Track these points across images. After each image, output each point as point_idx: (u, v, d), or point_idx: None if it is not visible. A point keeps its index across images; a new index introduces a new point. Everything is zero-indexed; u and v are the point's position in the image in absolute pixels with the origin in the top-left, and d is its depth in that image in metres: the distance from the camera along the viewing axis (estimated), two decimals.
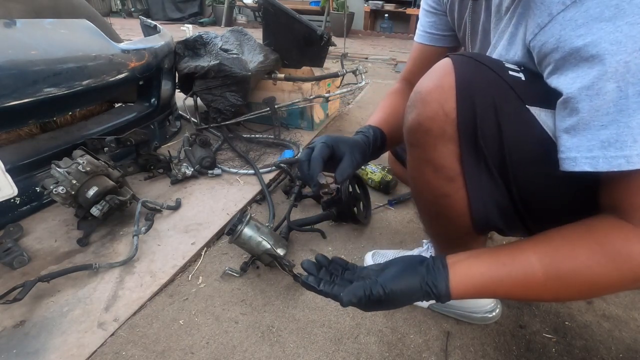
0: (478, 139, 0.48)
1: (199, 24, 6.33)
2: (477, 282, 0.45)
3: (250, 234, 0.84)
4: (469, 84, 0.47)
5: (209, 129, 1.69)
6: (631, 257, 0.39)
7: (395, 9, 6.01)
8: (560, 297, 0.47)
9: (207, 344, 0.74)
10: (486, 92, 0.47)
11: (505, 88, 0.46)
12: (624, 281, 0.40)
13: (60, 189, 0.94)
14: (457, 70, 0.48)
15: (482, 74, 0.47)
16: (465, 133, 0.49)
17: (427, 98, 0.50)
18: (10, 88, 0.95)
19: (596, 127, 0.38)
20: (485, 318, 0.78)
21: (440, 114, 0.49)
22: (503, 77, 0.47)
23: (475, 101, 0.47)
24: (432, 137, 0.51)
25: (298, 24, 1.72)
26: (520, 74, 0.48)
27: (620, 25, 0.36)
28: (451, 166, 0.52)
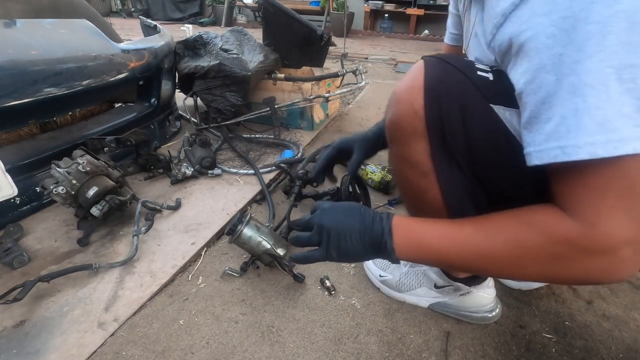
0: (446, 136, 0.52)
1: (199, 24, 6.33)
2: (419, 246, 0.51)
3: (250, 234, 0.84)
4: (436, 84, 0.51)
5: (209, 129, 1.69)
6: (545, 232, 0.41)
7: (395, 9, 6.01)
8: (491, 268, 0.48)
9: (207, 344, 0.74)
10: (452, 91, 0.50)
11: (471, 88, 0.49)
12: (547, 256, 0.42)
13: (60, 189, 0.94)
14: (426, 72, 0.52)
15: (450, 74, 0.51)
16: (433, 130, 0.52)
17: (400, 98, 0.55)
18: (10, 88, 0.95)
19: (543, 121, 0.39)
20: (485, 318, 0.78)
21: (410, 112, 0.53)
22: (470, 77, 0.50)
23: (441, 100, 0.50)
24: (405, 134, 0.56)
25: (298, 24, 1.72)
26: (489, 74, 0.50)
27: (554, 19, 0.37)
28: (424, 162, 0.56)
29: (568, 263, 0.40)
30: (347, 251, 0.55)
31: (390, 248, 0.51)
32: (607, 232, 0.37)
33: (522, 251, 0.43)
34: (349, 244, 0.54)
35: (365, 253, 0.55)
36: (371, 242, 0.53)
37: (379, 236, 0.53)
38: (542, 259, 0.42)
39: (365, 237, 0.54)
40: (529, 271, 0.44)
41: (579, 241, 0.39)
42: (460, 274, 0.76)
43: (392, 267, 0.87)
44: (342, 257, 0.56)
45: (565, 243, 0.40)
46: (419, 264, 0.84)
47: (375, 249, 0.53)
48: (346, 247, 0.54)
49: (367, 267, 0.92)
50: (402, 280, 0.84)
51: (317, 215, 0.58)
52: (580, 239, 0.39)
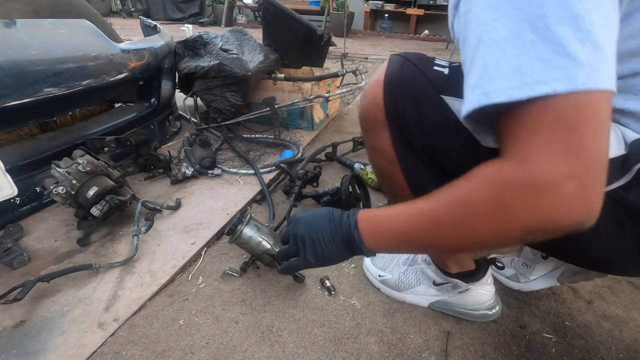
0: (402, 125, 0.57)
1: (199, 24, 6.34)
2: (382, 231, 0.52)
3: (250, 234, 0.84)
4: (393, 78, 0.57)
5: (209, 129, 1.69)
6: (491, 178, 0.40)
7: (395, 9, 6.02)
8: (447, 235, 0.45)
9: (207, 344, 0.74)
10: (407, 84, 0.55)
11: (424, 81, 0.54)
12: (490, 205, 0.40)
13: (60, 189, 0.94)
14: (387, 67, 0.58)
15: (406, 69, 0.56)
16: (392, 120, 0.58)
17: (366, 91, 0.62)
18: (10, 88, 0.95)
19: (470, 76, 0.40)
20: (485, 315, 0.78)
21: (372, 104, 0.60)
22: (424, 71, 0.55)
23: (396, 92, 0.56)
24: (371, 124, 0.62)
25: (298, 24, 1.72)
26: (445, 69, 0.55)
27: None
28: (389, 150, 0.61)
29: (512, 209, 0.38)
30: (324, 255, 0.56)
31: (359, 241, 0.52)
32: (541, 166, 0.36)
33: (466, 206, 0.42)
34: (324, 247, 0.56)
35: (341, 253, 0.56)
36: (342, 240, 0.55)
37: (347, 232, 0.54)
38: (486, 211, 0.40)
39: (337, 237, 0.55)
40: (481, 231, 0.41)
41: (513, 179, 0.37)
42: (454, 269, 0.76)
43: (391, 266, 0.87)
44: (320, 261, 0.58)
45: (502, 184, 0.39)
46: (417, 262, 0.84)
47: (348, 246, 0.54)
48: (321, 251, 0.56)
49: (366, 267, 0.92)
50: (401, 279, 0.84)
51: (291, 226, 0.61)
52: (515, 177, 0.37)
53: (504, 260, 0.88)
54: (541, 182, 0.36)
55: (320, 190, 1.19)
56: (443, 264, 0.77)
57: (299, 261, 0.59)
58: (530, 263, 0.86)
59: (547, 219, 0.36)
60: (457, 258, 0.76)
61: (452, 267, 0.76)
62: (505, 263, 0.90)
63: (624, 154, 0.46)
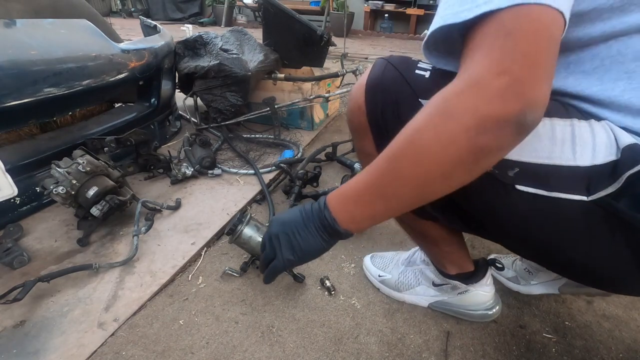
0: (382, 130, 0.57)
1: (199, 24, 6.34)
2: (348, 197, 0.50)
3: (250, 234, 0.84)
4: (374, 82, 0.56)
5: (209, 129, 1.69)
6: (439, 96, 0.40)
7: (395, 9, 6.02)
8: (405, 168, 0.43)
9: (207, 344, 0.74)
10: (387, 88, 0.55)
11: (404, 85, 0.54)
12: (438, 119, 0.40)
13: (60, 189, 0.94)
14: (370, 71, 0.58)
15: (387, 73, 0.56)
16: (373, 123, 0.58)
17: (351, 95, 0.61)
18: (10, 88, 0.95)
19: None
20: (484, 315, 0.78)
21: (356, 108, 0.60)
22: (405, 75, 0.54)
23: (377, 97, 0.56)
24: (355, 127, 0.62)
25: (298, 24, 1.72)
26: (426, 72, 0.54)
27: None
28: (374, 153, 0.58)
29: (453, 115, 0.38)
30: (301, 247, 0.54)
31: (330, 219, 0.50)
32: (476, 70, 0.37)
33: (414, 131, 0.42)
34: (299, 239, 0.54)
35: (317, 241, 0.53)
36: (315, 226, 0.53)
37: (319, 215, 0.52)
38: (431, 126, 0.40)
39: (310, 225, 0.53)
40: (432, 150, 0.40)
41: (453, 89, 0.39)
42: (452, 270, 0.76)
43: (391, 266, 0.87)
44: (299, 256, 0.55)
45: (443, 98, 0.40)
46: (416, 263, 0.84)
47: (323, 231, 0.52)
48: (298, 244, 0.54)
49: (365, 268, 0.92)
50: (400, 279, 0.84)
51: (266, 231, 0.59)
52: (455, 87, 0.39)
53: (504, 261, 0.88)
54: (475, 82, 0.37)
55: (320, 190, 1.19)
56: (441, 265, 0.77)
57: (277, 261, 0.57)
58: (533, 270, 0.85)
59: (486, 114, 0.36)
60: (455, 260, 0.75)
61: (450, 269, 0.76)
62: (506, 264, 0.89)
63: (615, 159, 0.44)
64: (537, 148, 0.46)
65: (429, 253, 0.79)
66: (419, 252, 0.85)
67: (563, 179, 0.46)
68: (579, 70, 0.48)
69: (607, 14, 0.44)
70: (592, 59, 0.47)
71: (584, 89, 0.48)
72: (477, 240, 1.06)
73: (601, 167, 0.44)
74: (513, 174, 0.47)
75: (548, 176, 0.46)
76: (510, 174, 0.47)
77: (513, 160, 0.46)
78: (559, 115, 0.47)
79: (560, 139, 0.46)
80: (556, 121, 0.47)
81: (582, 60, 0.48)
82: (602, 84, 0.47)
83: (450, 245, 0.73)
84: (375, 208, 0.48)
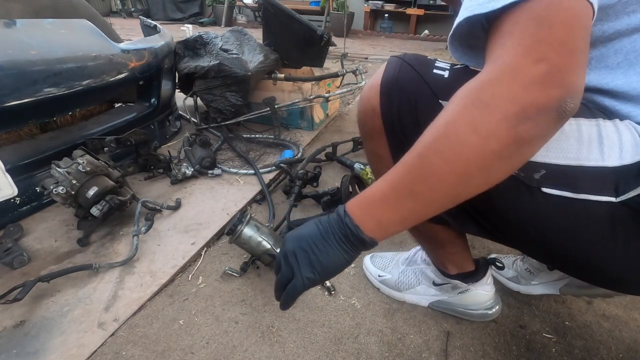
0: (398, 131, 0.55)
1: (199, 24, 6.33)
2: (374, 201, 0.45)
3: (250, 234, 0.84)
4: (390, 83, 0.54)
5: (209, 129, 1.69)
6: (470, 86, 0.39)
7: (395, 9, 6.02)
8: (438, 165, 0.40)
9: (207, 344, 0.74)
10: (404, 89, 0.53)
11: (422, 85, 0.52)
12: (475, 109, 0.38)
13: (60, 189, 0.94)
14: (384, 71, 0.55)
15: (403, 73, 0.53)
16: (388, 125, 0.56)
17: (362, 96, 0.59)
18: (10, 88, 0.95)
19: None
20: (484, 315, 0.78)
21: (369, 109, 0.57)
22: (422, 75, 0.52)
23: (393, 97, 0.54)
24: (368, 129, 0.60)
25: (298, 24, 1.72)
26: (445, 72, 0.52)
27: None
28: (387, 156, 0.59)
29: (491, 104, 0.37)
30: (321, 263, 0.48)
31: (354, 227, 0.45)
32: (511, 57, 0.36)
33: (448, 125, 0.39)
34: (319, 253, 0.48)
35: (339, 254, 0.48)
36: (336, 237, 0.47)
37: (339, 224, 0.47)
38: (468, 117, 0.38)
39: (330, 237, 0.48)
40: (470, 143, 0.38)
41: (487, 77, 0.38)
42: (452, 270, 0.76)
43: (391, 266, 0.87)
44: (321, 273, 0.49)
45: (476, 88, 0.38)
46: (416, 263, 0.84)
47: (346, 241, 0.47)
48: (317, 259, 0.48)
49: (365, 268, 0.92)
50: (400, 279, 0.84)
51: (281, 249, 0.54)
52: (489, 75, 0.38)
53: (505, 261, 0.88)
54: (512, 69, 0.36)
55: (320, 190, 1.19)
56: (442, 265, 0.77)
57: (296, 281, 0.50)
58: (535, 270, 0.85)
59: (526, 101, 0.35)
60: (457, 260, 0.75)
61: (451, 269, 0.76)
62: (507, 264, 0.89)
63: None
64: (564, 148, 0.45)
65: (432, 254, 0.79)
66: (420, 252, 0.85)
67: (591, 180, 0.44)
68: (601, 65, 0.48)
69: (633, 7, 0.43)
70: (615, 53, 0.46)
71: (608, 83, 0.47)
72: (477, 240, 1.06)
73: (629, 167, 0.44)
74: (539, 177, 0.46)
75: (575, 177, 0.45)
76: (536, 176, 0.46)
77: (539, 162, 0.45)
78: (584, 116, 0.46)
79: (587, 139, 0.45)
80: (582, 121, 0.46)
81: (605, 55, 0.47)
82: (626, 78, 0.46)
83: (455, 247, 0.72)
84: (405, 210, 0.43)
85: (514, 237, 0.56)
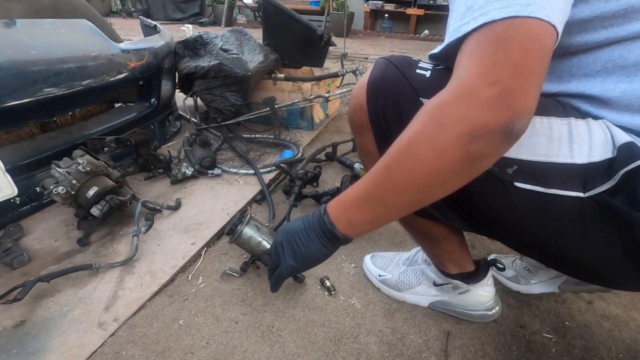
0: (383, 128, 0.58)
1: (199, 24, 6.33)
2: (347, 202, 0.52)
3: (250, 234, 0.84)
4: (376, 82, 0.57)
5: (209, 129, 1.69)
6: (432, 103, 0.42)
7: (395, 9, 6.02)
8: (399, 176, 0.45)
9: (207, 344, 0.74)
10: (388, 87, 0.56)
11: (405, 84, 0.55)
12: (433, 126, 0.41)
13: (60, 189, 0.94)
14: (371, 71, 0.59)
15: (388, 72, 0.57)
16: (375, 122, 0.59)
17: (353, 94, 0.62)
18: (10, 88, 0.95)
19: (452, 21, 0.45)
20: (484, 316, 0.78)
21: (358, 107, 0.61)
22: (406, 75, 0.55)
23: (379, 95, 0.57)
24: (357, 126, 0.63)
25: (298, 24, 1.72)
26: (427, 72, 0.55)
27: None
28: (374, 151, 0.62)
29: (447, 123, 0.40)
30: (302, 254, 0.57)
31: (329, 224, 0.53)
32: (469, 78, 0.39)
33: (410, 139, 0.44)
34: (301, 246, 0.57)
35: (317, 247, 0.56)
36: (315, 232, 0.55)
37: (318, 221, 0.55)
38: (426, 133, 0.42)
39: (310, 231, 0.56)
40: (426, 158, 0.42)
41: (447, 96, 0.41)
42: (453, 270, 0.76)
43: (391, 266, 0.87)
44: (301, 262, 0.58)
45: (437, 105, 0.41)
46: (417, 263, 0.84)
47: (323, 236, 0.55)
48: (299, 250, 0.57)
49: (366, 267, 0.92)
50: (401, 279, 0.84)
51: (273, 241, 0.63)
52: (448, 94, 0.41)
53: (504, 261, 0.88)
54: (467, 90, 0.39)
55: (320, 190, 1.19)
56: (442, 265, 0.77)
57: (282, 267, 0.60)
58: (533, 269, 0.85)
59: (477, 122, 0.38)
60: (456, 259, 0.76)
61: (452, 269, 0.76)
62: (506, 264, 0.89)
63: (611, 157, 0.45)
64: (535, 145, 0.47)
65: (430, 252, 0.79)
66: (421, 252, 0.85)
67: (560, 176, 0.47)
68: (581, 73, 0.50)
69: (610, 22, 0.45)
70: (594, 62, 0.48)
71: (586, 90, 0.49)
72: (477, 240, 1.06)
73: (598, 164, 0.46)
74: (512, 172, 0.48)
75: (545, 173, 0.47)
76: (509, 171, 0.48)
77: (511, 158, 0.48)
78: (558, 115, 0.49)
79: (558, 137, 0.47)
80: (554, 120, 0.48)
81: (584, 63, 0.49)
82: (604, 85, 0.48)
83: (451, 244, 0.73)
84: (373, 213, 0.50)
85: (495, 230, 0.58)
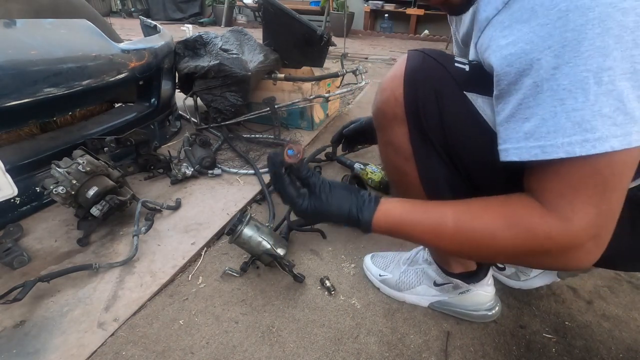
0: (421, 119, 0.56)
1: (199, 24, 6.33)
2: (395, 219, 0.54)
3: (250, 234, 0.84)
4: (414, 73, 0.56)
5: (209, 129, 1.69)
6: (528, 229, 0.44)
7: (395, 9, 6.01)
8: (463, 251, 0.52)
9: (207, 344, 0.74)
10: (428, 79, 0.55)
11: (446, 76, 0.54)
12: (517, 249, 0.46)
13: (60, 189, 0.94)
14: (407, 62, 0.57)
15: (427, 64, 0.55)
16: (411, 115, 0.57)
17: (384, 86, 0.60)
18: (10, 88, 0.95)
19: (520, 120, 0.42)
20: (485, 316, 0.78)
21: (392, 99, 0.58)
22: (446, 67, 0.54)
23: (418, 87, 0.55)
24: (388, 119, 0.61)
25: (298, 24, 1.72)
26: (465, 65, 0.54)
27: (533, 26, 0.39)
28: (405, 146, 0.60)
29: (539, 255, 0.45)
30: (327, 203, 0.56)
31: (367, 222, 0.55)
32: (580, 228, 0.41)
33: (492, 242, 0.47)
34: (334, 198, 0.56)
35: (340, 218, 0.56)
36: (350, 208, 0.56)
37: (362, 200, 0.56)
38: (512, 250, 0.46)
39: (346, 202, 0.56)
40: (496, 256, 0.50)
41: (556, 236, 0.42)
42: (456, 269, 0.76)
43: (392, 266, 0.87)
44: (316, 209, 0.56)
45: (544, 238, 0.43)
46: (418, 263, 0.84)
47: (351, 217, 0.56)
48: (328, 200, 0.56)
49: (366, 267, 0.92)
50: (401, 278, 0.84)
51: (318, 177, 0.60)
52: (558, 235, 0.42)
53: None
54: (576, 242, 0.41)
55: None
56: (446, 264, 0.77)
57: (298, 199, 0.57)
58: None
59: (565, 265, 0.43)
60: (460, 259, 0.76)
61: (455, 267, 0.76)
62: None
63: None
64: None
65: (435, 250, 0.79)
66: (422, 252, 0.85)
67: None
68: None
69: None
70: None
71: None
72: None
73: None
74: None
75: None
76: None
77: None
78: None
79: None
80: None
81: None
82: None
83: None
84: (407, 238, 0.54)
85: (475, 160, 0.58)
